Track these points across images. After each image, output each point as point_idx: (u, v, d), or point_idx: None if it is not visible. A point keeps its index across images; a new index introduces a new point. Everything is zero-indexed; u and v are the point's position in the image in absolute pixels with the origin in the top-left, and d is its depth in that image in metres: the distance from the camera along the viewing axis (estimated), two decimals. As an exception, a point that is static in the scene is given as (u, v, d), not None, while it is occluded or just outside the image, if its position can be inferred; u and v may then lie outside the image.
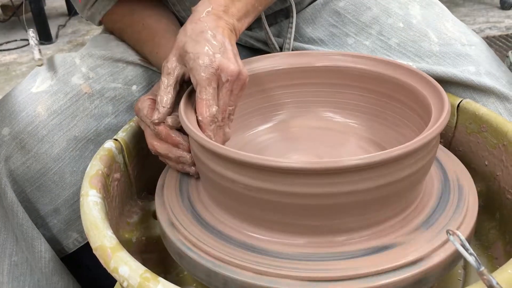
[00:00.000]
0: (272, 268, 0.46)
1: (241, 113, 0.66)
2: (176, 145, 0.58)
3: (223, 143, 0.57)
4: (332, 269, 0.46)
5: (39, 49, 0.73)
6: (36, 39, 0.75)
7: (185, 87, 0.60)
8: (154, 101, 0.60)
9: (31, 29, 0.79)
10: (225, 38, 0.57)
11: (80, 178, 0.70)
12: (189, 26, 0.57)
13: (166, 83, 0.57)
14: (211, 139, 0.53)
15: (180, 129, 0.58)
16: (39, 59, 0.71)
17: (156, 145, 0.59)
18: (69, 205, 0.72)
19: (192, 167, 0.58)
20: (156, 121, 0.57)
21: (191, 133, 0.51)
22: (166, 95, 0.57)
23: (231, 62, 0.55)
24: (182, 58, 0.57)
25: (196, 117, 0.55)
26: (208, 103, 0.54)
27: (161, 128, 0.58)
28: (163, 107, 0.57)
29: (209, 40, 0.55)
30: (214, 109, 0.54)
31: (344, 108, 0.68)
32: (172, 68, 0.57)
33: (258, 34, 0.84)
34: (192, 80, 0.55)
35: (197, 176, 0.58)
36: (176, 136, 0.57)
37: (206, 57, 0.54)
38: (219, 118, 0.55)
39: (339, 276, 0.45)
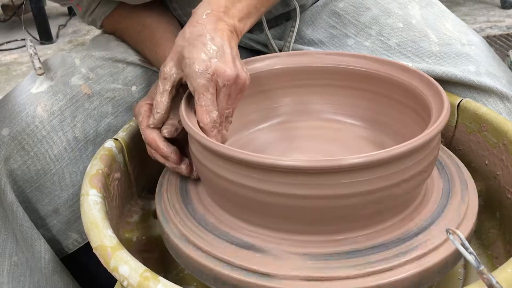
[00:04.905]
0: (270, 267, 0.46)
1: (241, 113, 0.65)
2: (165, 157, 0.58)
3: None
4: (331, 269, 0.46)
5: (39, 58, 0.73)
6: (34, 48, 0.76)
7: (182, 92, 0.59)
8: (151, 106, 0.60)
9: (29, 39, 0.80)
10: (224, 40, 0.56)
11: (79, 178, 0.70)
12: (187, 29, 0.57)
13: (161, 88, 0.57)
14: None
15: (174, 140, 0.58)
16: (40, 68, 0.71)
17: (153, 152, 0.60)
18: (69, 205, 0.72)
19: (194, 173, 0.58)
20: (152, 126, 0.58)
21: (192, 133, 0.51)
22: (161, 101, 0.57)
23: (228, 66, 0.54)
24: (180, 63, 0.56)
25: (198, 123, 0.54)
26: (207, 109, 0.53)
27: (151, 139, 0.58)
28: (157, 112, 0.57)
29: (206, 44, 0.55)
30: (214, 114, 0.54)
31: (343, 108, 0.68)
32: (168, 73, 0.57)
33: (259, 37, 0.84)
34: (189, 87, 0.55)
35: (197, 178, 0.58)
36: (164, 147, 0.57)
37: (202, 62, 0.53)
38: (218, 122, 0.55)
39: (338, 275, 0.45)
